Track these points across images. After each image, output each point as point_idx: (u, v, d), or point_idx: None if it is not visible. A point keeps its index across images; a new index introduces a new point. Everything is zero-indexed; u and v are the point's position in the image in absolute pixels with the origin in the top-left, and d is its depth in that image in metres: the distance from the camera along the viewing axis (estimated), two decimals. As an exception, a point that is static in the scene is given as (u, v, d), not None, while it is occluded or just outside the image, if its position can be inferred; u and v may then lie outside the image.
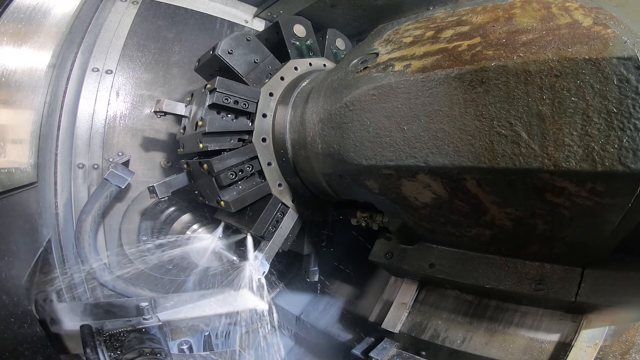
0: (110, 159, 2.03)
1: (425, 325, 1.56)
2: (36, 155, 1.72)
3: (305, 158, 1.62)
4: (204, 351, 2.13)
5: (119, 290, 1.99)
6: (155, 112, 1.81)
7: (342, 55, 2.06)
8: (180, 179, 1.89)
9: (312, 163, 1.59)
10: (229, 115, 1.67)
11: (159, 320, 1.91)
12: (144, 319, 1.87)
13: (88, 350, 1.49)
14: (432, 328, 1.54)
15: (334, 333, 2.06)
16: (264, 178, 1.72)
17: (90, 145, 2.01)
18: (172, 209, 2.22)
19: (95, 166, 2.02)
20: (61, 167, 1.93)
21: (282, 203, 1.77)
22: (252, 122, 1.68)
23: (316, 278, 2.00)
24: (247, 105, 1.66)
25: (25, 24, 1.49)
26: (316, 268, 1.86)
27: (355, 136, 1.33)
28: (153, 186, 1.82)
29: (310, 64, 1.88)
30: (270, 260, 1.78)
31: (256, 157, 1.67)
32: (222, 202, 1.65)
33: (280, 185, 1.77)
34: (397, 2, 2.19)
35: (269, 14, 2.47)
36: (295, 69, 1.82)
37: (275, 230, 1.76)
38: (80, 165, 1.99)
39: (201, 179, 1.77)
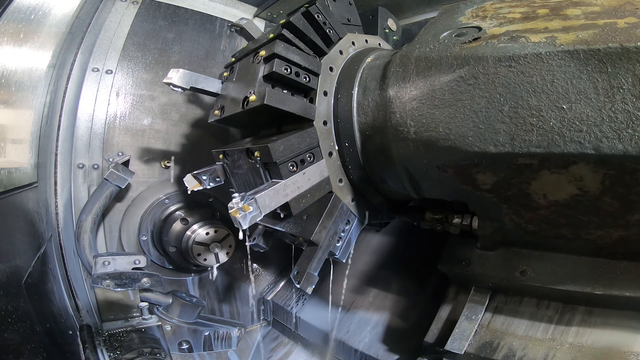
0: (110, 159, 2.03)
1: (497, 344, 1.36)
2: (36, 155, 1.73)
3: (379, 146, 1.37)
4: (204, 351, 2.14)
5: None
6: (183, 88, 1.50)
7: (394, 37, 1.93)
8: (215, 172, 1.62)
9: (392, 152, 1.33)
10: (285, 91, 1.37)
11: (159, 320, 1.92)
12: (144, 319, 1.88)
13: (88, 351, 1.49)
14: (505, 347, 1.34)
15: (373, 353, 1.80)
16: (323, 171, 1.42)
17: (90, 145, 2.01)
18: (172, 208, 2.22)
19: (95, 166, 2.02)
20: (61, 167, 1.93)
21: (344, 203, 1.48)
22: (311, 100, 1.39)
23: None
24: (308, 79, 1.37)
25: (25, 24, 1.50)
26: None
27: (478, 116, 1.10)
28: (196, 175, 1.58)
29: (366, 41, 1.67)
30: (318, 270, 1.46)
31: (317, 145, 1.38)
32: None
33: (340, 180, 1.46)
34: (397, 2, 2.19)
35: (269, 14, 2.47)
36: (353, 43, 1.59)
37: (336, 238, 1.46)
38: (80, 166, 1.99)
39: (243, 174, 1.47)
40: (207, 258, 2.09)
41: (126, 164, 2.04)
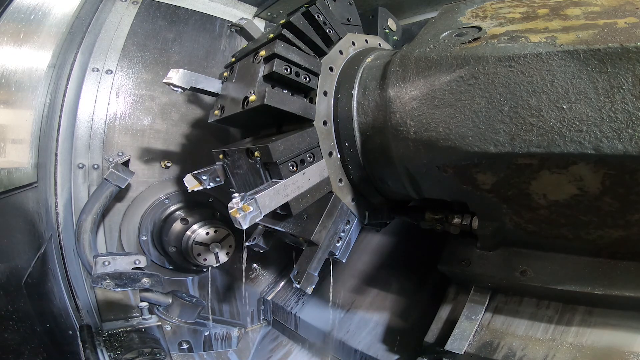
0: (110, 159, 2.03)
1: (497, 344, 1.36)
2: (36, 155, 1.73)
3: (379, 146, 1.38)
4: (203, 351, 2.14)
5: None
6: (183, 88, 1.49)
7: (394, 37, 1.94)
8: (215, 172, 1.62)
9: (392, 152, 1.33)
10: (285, 91, 1.38)
11: (159, 320, 1.92)
12: (144, 319, 1.88)
13: (88, 351, 1.49)
14: (505, 347, 1.34)
15: (373, 353, 1.79)
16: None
17: (90, 145, 2.02)
18: (172, 208, 2.22)
19: (95, 166, 2.02)
20: (61, 167, 1.93)
21: (344, 203, 1.49)
22: (311, 100, 1.40)
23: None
24: (308, 79, 1.38)
25: (25, 24, 1.50)
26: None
27: (478, 116, 1.11)
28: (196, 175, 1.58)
29: (366, 41, 1.68)
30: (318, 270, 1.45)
31: (317, 145, 1.39)
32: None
33: (340, 181, 1.47)
34: (397, 2, 2.19)
35: (269, 14, 2.47)
36: (353, 43, 1.60)
37: (336, 238, 1.47)
38: (80, 166, 1.99)
39: (243, 174, 1.47)
40: (207, 258, 2.09)
41: (126, 164, 2.04)
